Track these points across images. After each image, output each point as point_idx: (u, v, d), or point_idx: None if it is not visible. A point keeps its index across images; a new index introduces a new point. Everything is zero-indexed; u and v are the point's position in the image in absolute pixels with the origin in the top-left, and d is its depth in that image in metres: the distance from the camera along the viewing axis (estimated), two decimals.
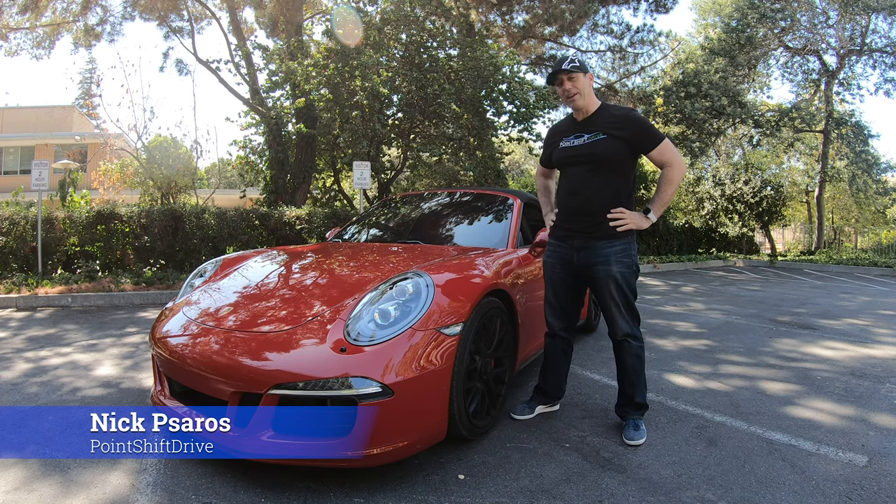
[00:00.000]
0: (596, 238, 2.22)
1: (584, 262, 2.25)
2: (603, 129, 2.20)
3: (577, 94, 2.21)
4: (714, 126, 16.16)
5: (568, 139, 2.31)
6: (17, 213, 7.57)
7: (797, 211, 26.35)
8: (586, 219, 2.23)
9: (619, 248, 2.20)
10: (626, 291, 2.21)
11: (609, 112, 2.25)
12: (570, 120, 2.36)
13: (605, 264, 2.20)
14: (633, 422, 2.24)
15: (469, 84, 9.44)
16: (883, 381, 3.11)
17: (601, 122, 2.22)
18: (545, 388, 2.48)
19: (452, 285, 2.08)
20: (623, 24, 15.14)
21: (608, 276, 2.19)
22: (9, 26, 12.65)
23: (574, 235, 2.27)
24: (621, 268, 2.19)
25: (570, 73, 2.20)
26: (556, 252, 2.37)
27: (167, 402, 2.08)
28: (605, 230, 2.20)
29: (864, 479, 1.88)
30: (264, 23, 12.56)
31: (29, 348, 3.71)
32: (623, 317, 2.23)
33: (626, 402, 2.31)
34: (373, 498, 1.70)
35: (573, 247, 2.28)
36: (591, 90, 2.28)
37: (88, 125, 23.71)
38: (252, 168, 10.81)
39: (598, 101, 2.30)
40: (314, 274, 2.57)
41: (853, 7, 15.04)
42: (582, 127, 2.27)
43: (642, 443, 2.16)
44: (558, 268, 2.35)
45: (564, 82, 2.22)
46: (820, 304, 6.52)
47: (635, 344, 2.25)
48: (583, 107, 2.25)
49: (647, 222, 2.22)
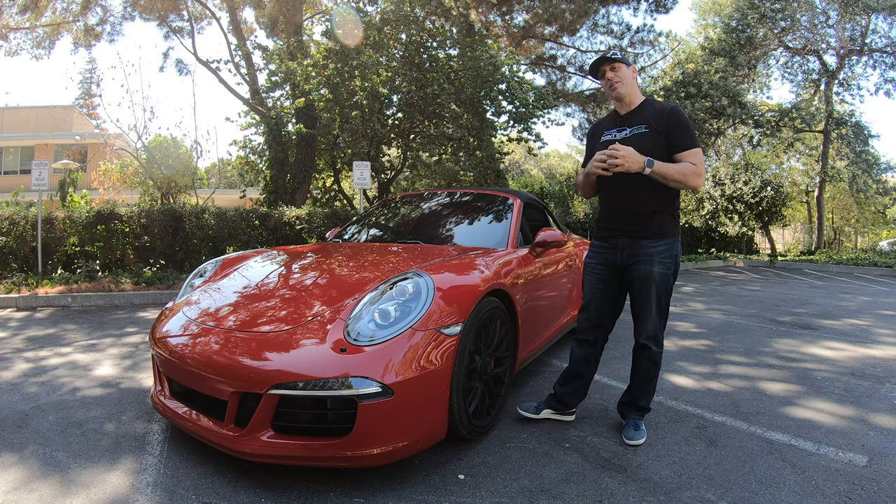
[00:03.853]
0: (640, 237, 2.17)
1: (626, 262, 2.21)
2: (646, 122, 2.16)
3: (618, 83, 2.20)
4: (714, 126, 16.16)
5: (610, 132, 2.27)
6: (17, 213, 7.57)
7: (797, 211, 26.36)
8: (631, 218, 2.19)
9: (662, 248, 2.16)
10: (663, 293, 2.17)
11: (653, 106, 2.21)
12: (613, 114, 2.33)
13: (647, 263, 2.15)
14: (633, 422, 2.24)
15: (469, 84, 9.44)
16: (883, 381, 3.11)
17: (645, 115, 2.19)
18: (560, 395, 2.39)
19: (452, 285, 2.08)
20: (623, 24, 15.18)
21: (648, 276, 2.14)
22: (9, 26, 12.65)
23: (618, 235, 2.23)
24: (662, 268, 2.15)
25: (613, 63, 2.20)
26: (599, 253, 2.31)
27: (167, 402, 2.08)
28: (651, 229, 2.16)
29: (864, 479, 1.88)
30: (264, 23, 12.57)
31: (29, 348, 3.71)
32: (653, 318, 2.17)
33: (630, 402, 2.30)
34: (373, 498, 1.70)
35: (617, 246, 2.23)
36: (635, 83, 2.25)
37: (88, 125, 23.71)
38: (252, 168, 10.81)
39: (642, 95, 2.28)
40: (314, 274, 2.57)
41: (853, 7, 15.04)
42: (624, 120, 2.24)
43: (642, 443, 2.15)
44: (599, 269, 2.30)
45: (607, 72, 2.22)
46: (820, 304, 6.52)
47: (655, 350, 2.21)
48: (625, 95, 2.22)
49: (639, 165, 2.04)
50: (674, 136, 2.12)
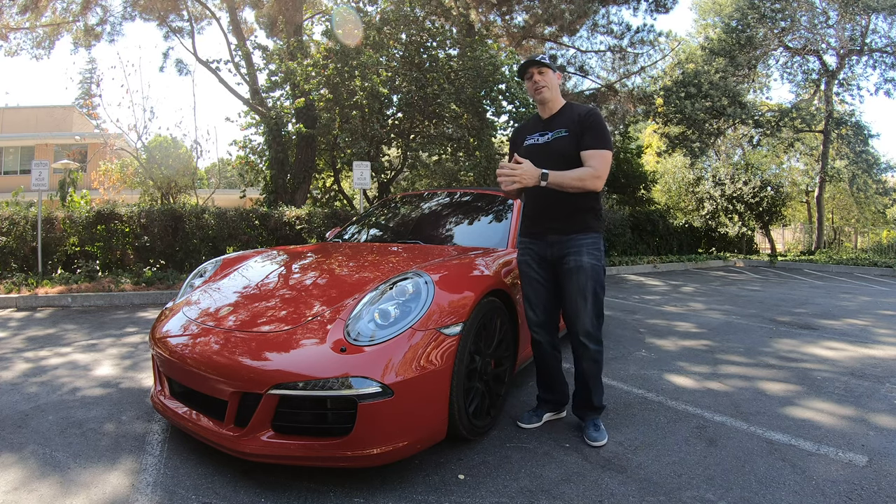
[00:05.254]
0: (569, 231, 2.22)
1: (557, 255, 2.24)
2: (566, 126, 2.22)
3: (545, 87, 2.25)
4: (714, 126, 16.16)
5: (532, 137, 2.34)
6: (17, 213, 7.57)
7: (797, 211, 26.37)
8: (559, 215, 2.23)
9: (591, 241, 2.21)
10: (596, 284, 2.18)
11: (573, 109, 2.27)
12: (536, 119, 2.39)
13: (576, 254, 2.18)
14: (592, 423, 2.23)
15: (469, 84, 9.44)
16: (883, 381, 3.11)
17: (565, 119, 2.25)
18: (550, 398, 2.41)
19: (452, 285, 2.08)
20: (623, 24, 15.15)
21: (579, 266, 2.17)
22: (9, 26, 12.65)
23: (548, 232, 2.27)
24: (593, 259, 2.18)
25: (541, 67, 2.25)
26: (530, 249, 2.35)
27: (167, 402, 2.08)
28: (578, 224, 2.21)
29: (864, 479, 1.88)
30: (264, 23, 12.58)
31: (29, 348, 3.71)
32: (588, 312, 2.17)
33: (583, 404, 2.29)
34: (373, 498, 1.70)
35: (547, 242, 2.27)
36: (558, 88, 2.31)
37: (88, 125, 23.70)
38: (252, 168, 10.81)
39: (563, 100, 2.33)
40: (314, 274, 2.57)
41: (853, 7, 15.03)
42: (546, 125, 2.30)
43: (605, 443, 2.15)
44: (534, 265, 2.33)
45: (534, 74, 2.26)
46: (820, 304, 6.52)
47: (593, 348, 2.20)
48: (549, 99, 2.27)
49: (535, 180, 2.05)
50: (584, 137, 2.17)
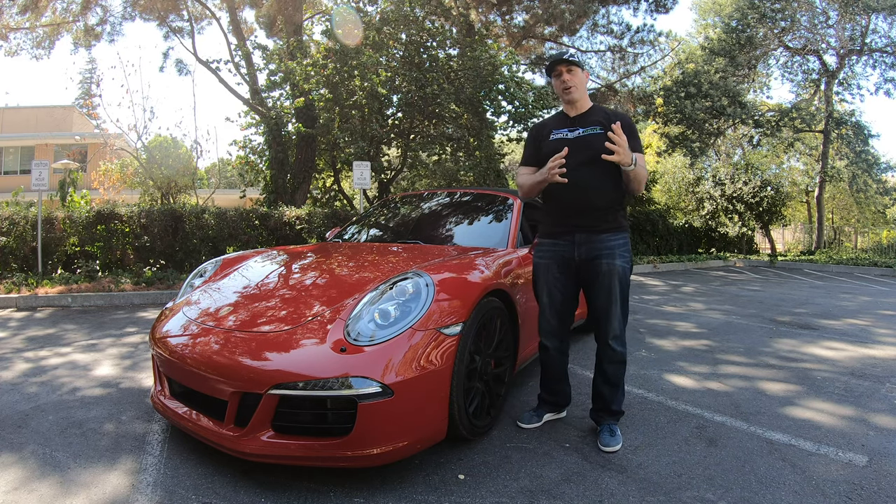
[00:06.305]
0: (600, 231, 2.16)
1: (586, 257, 2.18)
2: (600, 124, 2.17)
3: (573, 87, 2.20)
4: (714, 126, 16.16)
5: (560, 132, 2.25)
6: (17, 213, 7.57)
7: (797, 211, 26.35)
8: (590, 213, 2.17)
9: (621, 242, 2.17)
10: (625, 287, 2.18)
11: (604, 111, 2.25)
12: (561, 116, 2.31)
13: (609, 257, 2.14)
14: (608, 427, 2.17)
15: (468, 84, 9.44)
16: (883, 381, 3.11)
17: (596, 117, 2.21)
18: (552, 399, 2.39)
19: (452, 285, 2.08)
20: (623, 24, 15.14)
21: (612, 270, 2.13)
22: (9, 26, 12.64)
23: (576, 230, 2.20)
24: (623, 262, 2.16)
25: (570, 65, 2.20)
26: (552, 251, 2.26)
27: (167, 402, 2.08)
28: (610, 221, 2.16)
29: (864, 479, 1.88)
30: (264, 22, 12.58)
31: (28, 348, 3.71)
32: (617, 316, 2.16)
33: (602, 407, 2.25)
34: (373, 498, 1.70)
35: (574, 242, 2.20)
36: (586, 88, 2.28)
37: (88, 125, 23.69)
38: (252, 168, 10.81)
39: (590, 101, 2.30)
40: (314, 274, 2.57)
41: (853, 7, 15.03)
42: (575, 121, 2.24)
43: (618, 449, 2.09)
44: (554, 268, 2.25)
45: (563, 73, 2.21)
46: (820, 304, 6.52)
47: (620, 350, 2.19)
48: (577, 100, 2.23)
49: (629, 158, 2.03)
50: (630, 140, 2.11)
